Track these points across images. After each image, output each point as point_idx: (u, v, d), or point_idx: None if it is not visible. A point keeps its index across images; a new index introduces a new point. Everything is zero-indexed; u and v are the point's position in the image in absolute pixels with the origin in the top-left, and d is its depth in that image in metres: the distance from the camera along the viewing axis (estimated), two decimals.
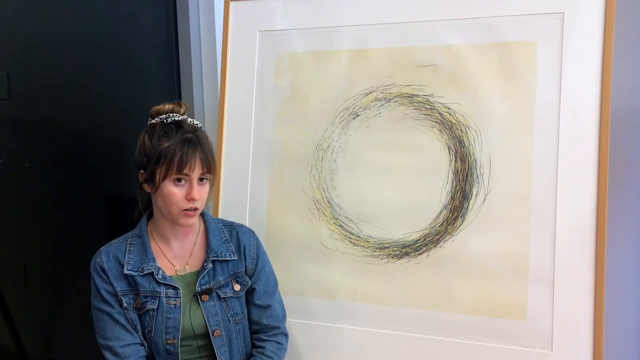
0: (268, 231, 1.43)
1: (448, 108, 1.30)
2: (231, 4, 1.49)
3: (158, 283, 1.17)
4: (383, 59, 1.36)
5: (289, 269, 1.40)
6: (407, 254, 1.32)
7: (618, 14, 1.19)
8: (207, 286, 1.19)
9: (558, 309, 1.21)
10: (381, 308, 1.34)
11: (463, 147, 1.29)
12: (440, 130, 1.31)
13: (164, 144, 1.10)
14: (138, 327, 1.18)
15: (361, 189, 1.37)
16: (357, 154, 1.37)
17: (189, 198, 1.11)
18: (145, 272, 1.17)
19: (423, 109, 1.32)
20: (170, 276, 1.19)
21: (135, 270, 1.17)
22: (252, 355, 1.26)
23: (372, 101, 1.36)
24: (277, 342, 1.27)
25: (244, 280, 1.24)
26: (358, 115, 1.37)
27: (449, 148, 1.30)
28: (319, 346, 1.39)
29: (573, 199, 1.21)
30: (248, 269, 1.24)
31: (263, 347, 1.26)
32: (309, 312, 1.40)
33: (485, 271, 1.26)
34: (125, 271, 1.16)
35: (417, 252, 1.32)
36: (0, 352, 1.91)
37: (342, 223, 1.38)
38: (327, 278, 1.38)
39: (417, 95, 1.33)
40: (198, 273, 1.20)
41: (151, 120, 1.17)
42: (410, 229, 1.32)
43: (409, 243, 1.32)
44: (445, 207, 1.30)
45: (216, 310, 1.19)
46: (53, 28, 1.76)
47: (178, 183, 1.12)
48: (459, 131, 1.29)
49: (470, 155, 1.29)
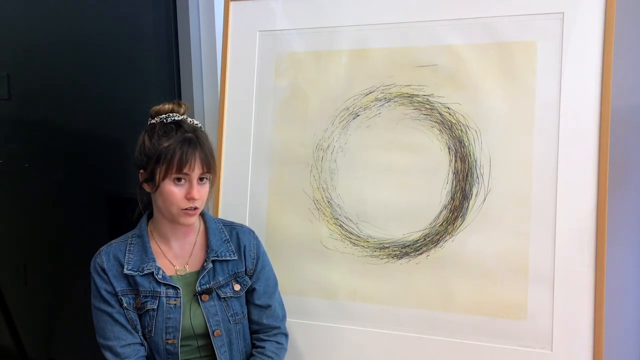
0: (268, 231, 1.43)
1: (448, 108, 1.30)
2: (231, 4, 1.49)
3: (158, 283, 1.17)
4: (383, 59, 1.36)
5: (289, 269, 1.40)
6: (407, 254, 1.32)
7: (618, 14, 1.19)
8: (207, 286, 1.19)
9: (558, 309, 1.21)
10: (381, 308, 1.34)
11: (463, 147, 1.29)
12: (440, 130, 1.31)
13: (164, 144, 1.10)
14: (138, 327, 1.18)
15: (361, 189, 1.37)
16: (357, 154, 1.37)
17: (189, 197, 1.12)
18: (145, 272, 1.17)
19: (423, 109, 1.32)
20: (170, 276, 1.19)
21: (135, 270, 1.17)
22: (252, 355, 1.26)
23: (372, 101, 1.36)
24: (277, 342, 1.27)
25: (244, 280, 1.24)
26: (358, 115, 1.37)
27: (449, 148, 1.30)
28: (319, 346, 1.39)
29: (573, 199, 1.21)
30: (248, 269, 1.24)
31: (263, 347, 1.26)
32: (309, 312, 1.39)
33: (485, 271, 1.26)
34: (125, 271, 1.16)
35: (417, 252, 1.31)
36: (0, 352, 1.91)
37: (342, 223, 1.38)
38: (327, 278, 1.38)
39: (417, 95, 1.33)
40: (198, 273, 1.20)
41: (151, 120, 1.17)
42: (410, 229, 1.32)
43: (409, 243, 1.32)
44: (445, 207, 1.30)
45: (216, 310, 1.19)
46: (53, 28, 1.76)
47: (178, 182, 1.12)
48: (459, 131, 1.29)
49: (470, 155, 1.29)
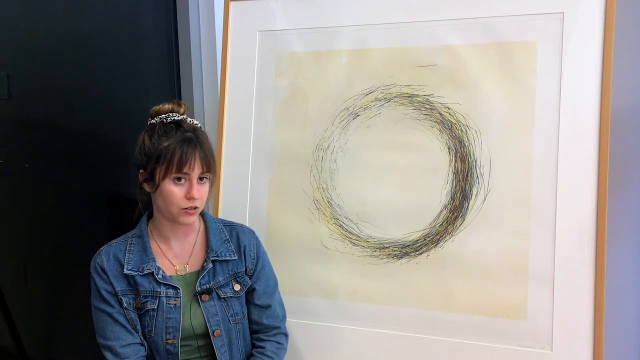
0: (268, 231, 1.43)
1: (448, 108, 1.30)
2: (231, 4, 1.49)
3: (158, 283, 1.17)
4: (383, 59, 1.36)
5: (289, 269, 1.40)
6: (407, 254, 1.32)
7: (618, 14, 1.19)
8: (207, 286, 1.19)
9: (558, 309, 1.21)
10: (381, 308, 1.34)
11: (463, 147, 1.29)
12: (440, 130, 1.31)
13: (164, 143, 1.10)
14: (138, 327, 1.18)
15: (361, 189, 1.37)
16: (357, 154, 1.37)
17: (189, 197, 1.12)
18: (145, 272, 1.17)
19: (423, 109, 1.32)
20: (170, 276, 1.19)
21: (135, 270, 1.17)
22: (252, 355, 1.26)
23: (372, 101, 1.36)
24: (277, 342, 1.27)
25: (244, 280, 1.24)
26: (358, 115, 1.37)
27: (449, 148, 1.30)
28: (319, 346, 1.39)
29: (573, 199, 1.21)
30: (248, 269, 1.24)
31: (263, 347, 1.26)
32: (309, 312, 1.39)
33: (485, 271, 1.26)
34: (125, 271, 1.16)
35: (417, 252, 1.31)
36: (0, 352, 1.91)
37: (342, 223, 1.38)
38: (327, 278, 1.38)
39: (417, 95, 1.33)
40: (198, 273, 1.20)
41: (151, 120, 1.17)
42: (410, 229, 1.32)
43: (409, 243, 1.32)
44: (445, 207, 1.30)
45: (216, 310, 1.19)
46: (53, 28, 1.76)
47: (178, 182, 1.12)
48: (459, 131, 1.29)
49: (470, 155, 1.29)
